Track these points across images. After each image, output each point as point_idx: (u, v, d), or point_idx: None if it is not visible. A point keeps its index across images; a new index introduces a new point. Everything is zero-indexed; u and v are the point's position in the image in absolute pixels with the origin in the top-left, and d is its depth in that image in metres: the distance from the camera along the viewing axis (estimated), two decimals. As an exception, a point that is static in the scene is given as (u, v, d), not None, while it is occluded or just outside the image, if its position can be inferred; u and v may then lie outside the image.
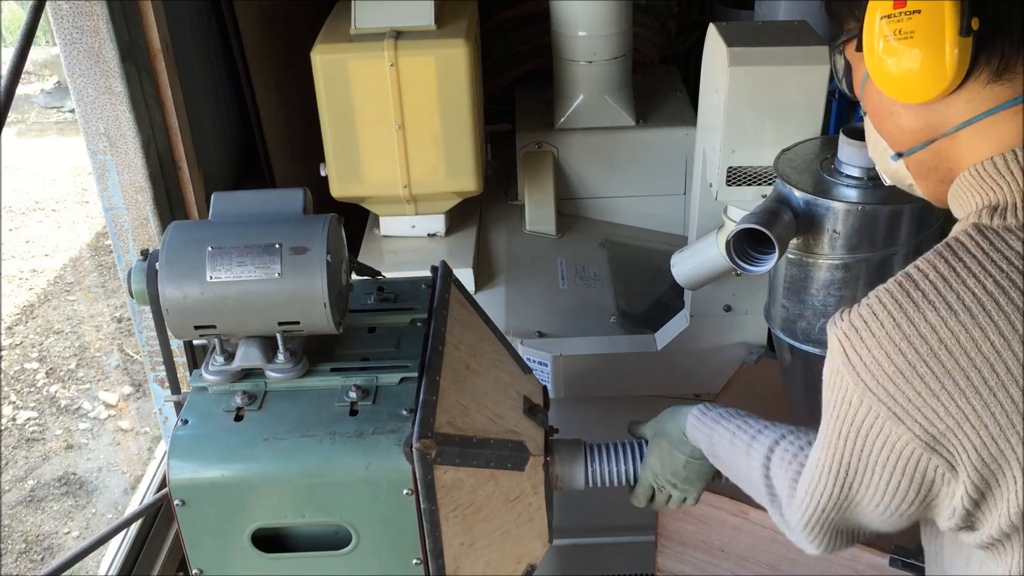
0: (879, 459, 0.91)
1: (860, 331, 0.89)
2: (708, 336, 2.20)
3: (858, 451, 0.93)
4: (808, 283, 1.64)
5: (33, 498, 3.37)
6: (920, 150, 0.98)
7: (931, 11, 0.87)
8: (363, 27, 2.24)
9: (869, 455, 0.92)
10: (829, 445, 0.96)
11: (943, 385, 0.85)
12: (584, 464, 1.48)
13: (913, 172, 1.02)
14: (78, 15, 1.73)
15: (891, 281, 0.90)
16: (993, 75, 0.89)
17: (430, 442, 1.30)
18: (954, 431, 0.85)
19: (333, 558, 1.41)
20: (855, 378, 0.89)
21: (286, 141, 2.82)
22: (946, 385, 0.85)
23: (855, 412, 0.91)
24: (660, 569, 1.95)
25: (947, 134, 0.94)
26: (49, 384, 3.90)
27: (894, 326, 0.87)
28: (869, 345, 0.88)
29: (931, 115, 0.94)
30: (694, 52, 2.48)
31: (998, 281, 0.85)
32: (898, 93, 0.93)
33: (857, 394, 0.90)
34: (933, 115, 0.94)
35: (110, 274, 4.58)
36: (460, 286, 1.62)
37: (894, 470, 0.91)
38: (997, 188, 0.90)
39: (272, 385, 1.45)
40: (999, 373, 0.83)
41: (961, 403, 0.84)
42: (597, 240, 2.64)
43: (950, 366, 0.84)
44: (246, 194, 1.51)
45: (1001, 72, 0.89)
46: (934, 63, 0.88)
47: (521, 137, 2.66)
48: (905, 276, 0.89)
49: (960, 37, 0.86)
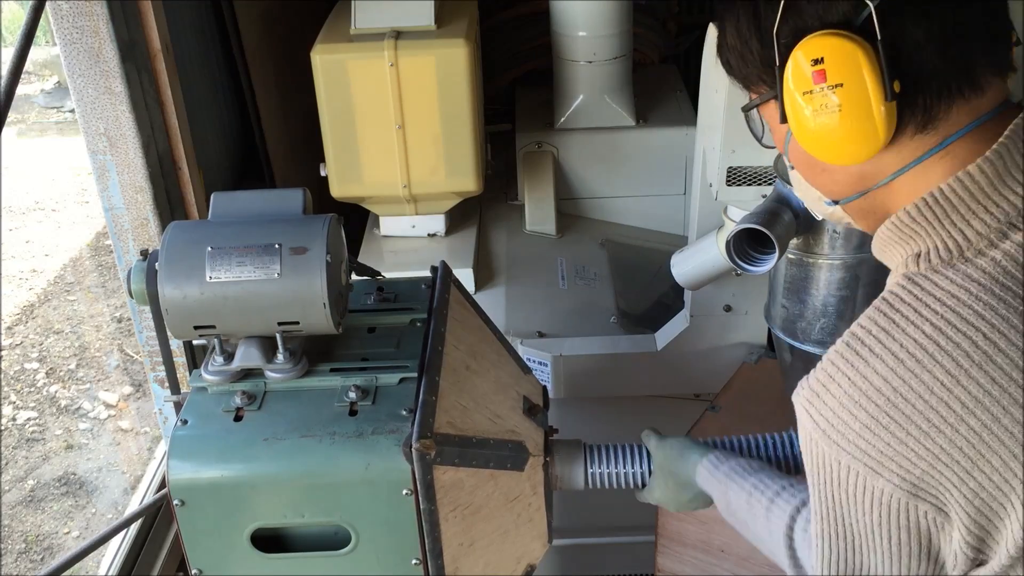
0: (873, 517, 0.93)
1: (821, 395, 0.93)
2: (708, 336, 2.20)
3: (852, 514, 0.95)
4: (808, 283, 1.64)
5: (33, 498, 3.38)
6: (856, 198, 1.00)
7: (853, 83, 0.89)
8: (363, 27, 2.24)
9: (863, 515, 0.94)
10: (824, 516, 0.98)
11: (908, 431, 0.87)
12: (584, 464, 1.48)
13: (852, 214, 1.05)
14: (78, 15, 1.73)
15: (839, 342, 0.94)
16: (919, 127, 0.92)
17: (429, 442, 1.30)
18: (931, 473, 0.87)
19: (333, 558, 1.41)
20: (827, 441, 0.92)
21: (286, 141, 2.81)
22: (910, 431, 0.87)
23: (837, 474, 0.93)
24: (660, 569, 1.95)
25: (880, 184, 0.96)
26: (49, 384, 3.90)
27: (850, 384, 0.90)
28: (832, 407, 0.92)
29: (863, 169, 0.96)
30: (694, 52, 2.48)
31: (934, 324, 0.87)
32: (830, 158, 0.95)
33: (834, 456, 0.92)
34: (865, 169, 0.96)
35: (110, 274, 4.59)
36: (460, 286, 1.62)
37: (890, 526, 0.92)
38: (917, 236, 0.93)
39: (272, 385, 1.45)
40: (955, 409, 0.85)
41: (928, 444, 0.87)
42: (597, 240, 2.64)
43: (909, 412, 0.87)
44: (246, 194, 1.51)
45: (926, 124, 0.91)
46: (864, 130, 0.90)
47: (521, 137, 2.66)
48: (851, 335, 0.93)
49: (886, 102, 0.88)
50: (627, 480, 1.48)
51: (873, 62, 0.88)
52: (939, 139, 0.92)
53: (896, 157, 0.94)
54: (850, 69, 0.88)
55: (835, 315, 1.64)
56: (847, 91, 0.89)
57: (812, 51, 0.89)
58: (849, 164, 0.95)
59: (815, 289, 1.63)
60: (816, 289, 1.63)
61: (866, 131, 0.90)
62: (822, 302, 1.63)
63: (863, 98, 0.89)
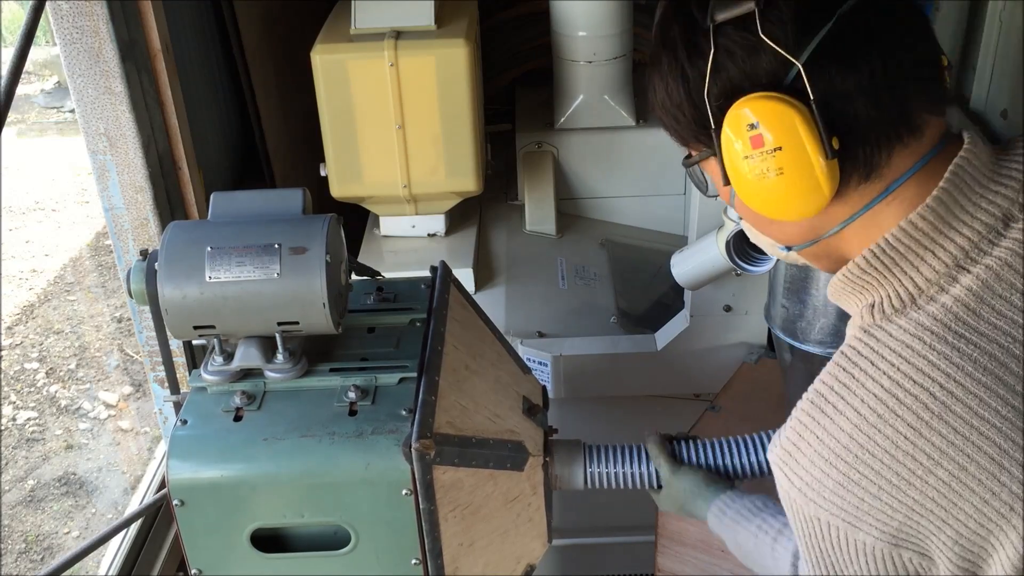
0: (861, 565, 0.93)
1: (792, 454, 0.93)
2: (708, 336, 2.20)
3: (841, 562, 0.95)
4: (808, 283, 1.64)
5: (33, 498, 3.38)
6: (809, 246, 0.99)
7: (791, 145, 0.87)
8: (363, 27, 2.24)
9: (851, 563, 0.94)
10: (815, 563, 0.98)
11: (879, 486, 0.87)
12: (583, 464, 1.48)
13: (807, 259, 1.04)
14: (78, 15, 1.73)
15: (804, 400, 0.94)
16: (862, 178, 0.91)
17: (429, 442, 1.30)
18: (908, 524, 0.88)
19: (332, 558, 1.41)
20: (804, 499, 0.93)
21: (286, 141, 2.82)
22: (882, 485, 0.87)
23: (820, 529, 0.94)
24: (660, 569, 1.95)
25: (831, 233, 0.96)
26: (49, 384, 3.90)
27: (818, 442, 0.91)
28: (804, 465, 0.92)
29: (811, 221, 0.95)
30: (694, 52, 2.48)
31: (891, 377, 0.87)
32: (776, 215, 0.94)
33: (812, 512, 0.93)
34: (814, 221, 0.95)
35: (110, 274, 4.59)
36: (460, 286, 1.62)
37: (879, 571, 0.92)
38: (868, 287, 0.93)
39: (271, 385, 1.45)
40: (921, 462, 0.85)
41: (901, 497, 0.87)
42: (597, 240, 2.64)
43: (878, 467, 0.87)
44: (246, 194, 1.51)
45: (869, 174, 0.90)
46: (808, 188, 0.89)
47: (521, 137, 2.66)
48: (814, 392, 0.93)
49: (826, 160, 0.87)
50: (627, 480, 1.47)
51: (808, 122, 0.86)
52: (884, 186, 0.91)
53: (844, 207, 0.93)
54: (786, 131, 0.87)
55: (835, 315, 1.64)
56: (786, 154, 0.88)
57: (745, 117, 0.88)
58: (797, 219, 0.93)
59: (815, 289, 1.63)
60: (816, 289, 1.63)
61: (810, 189, 0.89)
62: (822, 302, 1.63)
63: (803, 159, 0.87)
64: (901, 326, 0.89)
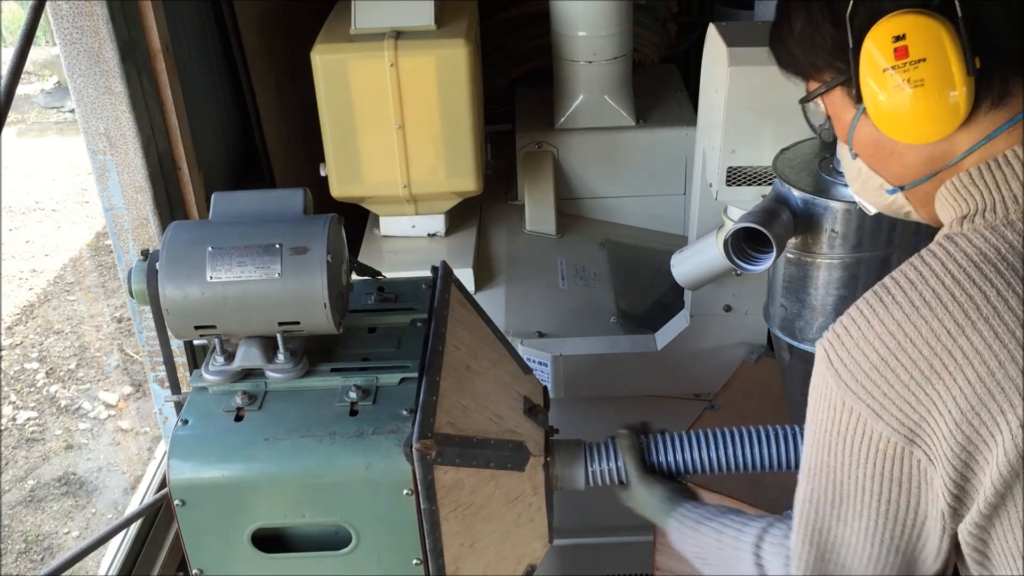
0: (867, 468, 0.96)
1: (841, 336, 0.97)
2: (708, 336, 2.20)
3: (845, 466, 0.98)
4: (807, 282, 1.64)
5: (33, 498, 3.37)
6: (923, 182, 1.02)
7: (936, 58, 0.91)
8: (363, 27, 2.24)
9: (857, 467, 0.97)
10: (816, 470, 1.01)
11: (911, 376, 0.91)
12: (584, 464, 1.48)
13: (914, 201, 1.07)
14: (78, 15, 1.73)
15: (869, 291, 0.98)
16: (993, 103, 0.95)
17: (430, 442, 1.30)
18: (927, 420, 0.92)
19: (333, 558, 1.41)
20: (837, 380, 0.96)
21: (286, 141, 2.82)
22: (914, 375, 0.91)
23: (839, 417, 0.97)
24: (659, 568, 1.95)
25: (951, 164, 0.98)
26: (49, 384, 3.90)
27: (868, 327, 0.95)
28: (848, 347, 0.96)
29: (935, 149, 0.98)
30: (694, 52, 2.49)
31: (955, 277, 0.92)
32: (908, 137, 0.97)
33: (840, 396, 0.96)
34: (937, 148, 0.98)
35: (110, 274, 4.58)
36: (460, 286, 1.62)
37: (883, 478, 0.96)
38: (970, 198, 0.97)
39: (272, 385, 1.45)
40: (956, 358, 0.89)
41: (928, 390, 0.91)
42: (597, 240, 2.64)
43: (915, 357, 0.91)
44: (246, 194, 1.51)
45: (1002, 98, 0.94)
46: (944, 106, 0.93)
47: (521, 137, 2.66)
48: (879, 285, 0.97)
49: (967, 77, 0.91)
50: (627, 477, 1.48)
51: (955, 38, 0.90)
52: (1009, 115, 0.95)
53: (968, 135, 0.96)
54: (933, 45, 0.91)
55: (833, 314, 1.64)
56: (929, 67, 0.92)
57: (893, 28, 0.92)
58: (927, 142, 0.97)
59: (813, 288, 1.63)
60: (814, 288, 1.63)
61: (946, 107, 0.93)
62: (820, 301, 1.63)
63: (945, 72, 0.91)
64: (984, 236, 0.93)
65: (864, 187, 1.11)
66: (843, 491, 1.00)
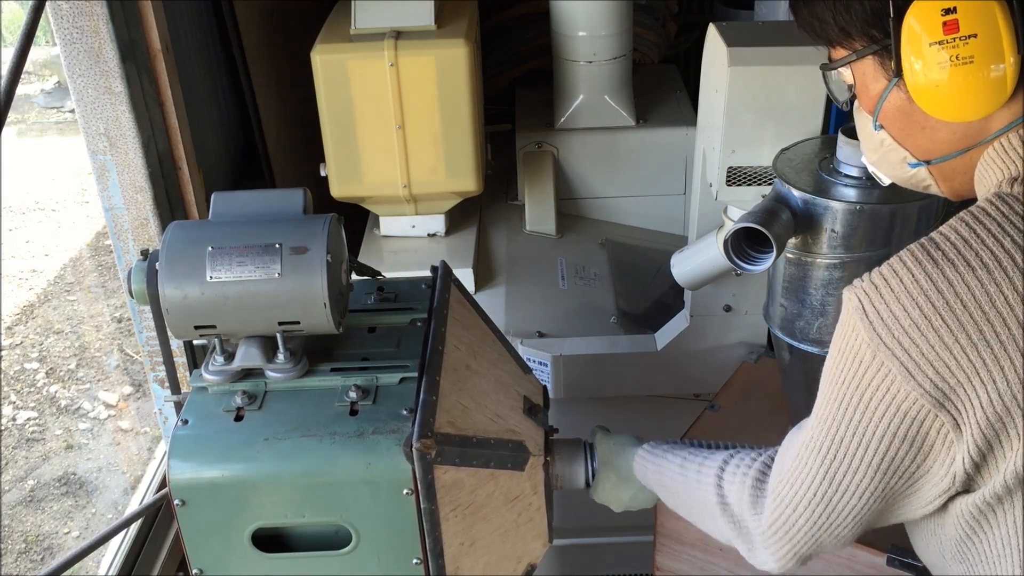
0: (880, 428, 0.92)
1: (880, 288, 0.91)
2: (708, 336, 2.20)
3: (857, 422, 0.93)
4: (807, 282, 1.64)
5: (33, 498, 3.37)
6: (952, 158, 0.99)
7: (988, 34, 0.89)
8: (363, 27, 2.24)
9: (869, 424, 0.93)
10: (825, 419, 0.97)
11: (956, 338, 0.87)
12: (584, 464, 1.48)
13: (938, 176, 1.04)
14: (78, 15, 1.73)
15: (913, 245, 0.93)
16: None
17: (430, 442, 1.30)
18: (964, 386, 0.87)
19: (333, 558, 1.41)
20: (870, 333, 0.91)
21: (286, 141, 2.82)
22: (959, 338, 0.87)
23: (865, 371, 0.92)
24: (659, 568, 1.95)
25: (985, 141, 0.96)
26: (49, 384, 3.90)
27: (912, 281, 0.89)
28: (887, 300, 0.90)
29: (970, 126, 0.96)
30: (694, 52, 2.48)
31: (1016, 240, 0.87)
32: (948, 114, 0.94)
33: (870, 350, 0.91)
34: (973, 126, 0.96)
35: (110, 274, 4.58)
36: (460, 286, 1.62)
37: (892, 439, 0.92)
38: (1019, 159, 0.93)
39: (272, 385, 1.45)
40: (1011, 327, 0.85)
41: (973, 356, 0.86)
42: (597, 240, 2.64)
43: (964, 319, 0.87)
44: (246, 194, 1.51)
45: None
46: (991, 83, 0.90)
47: (521, 137, 2.66)
48: (927, 239, 0.92)
49: (1016, 55, 0.89)
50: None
51: (1007, 15, 0.88)
52: None
53: (1005, 112, 0.93)
54: (985, 20, 0.88)
55: (833, 314, 1.64)
56: (980, 42, 0.89)
57: (942, 1, 0.89)
58: (967, 119, 0.94)
59: (813, 288, 1.63)
60: (814, 288, 1.63)
61: (992, 86, 0.90)
62: (820, 301, 1.64)
63: (996, 49, 0.89)
64: None
65: (884, 159, 1.07)
66: (841, 448, 0.96)
